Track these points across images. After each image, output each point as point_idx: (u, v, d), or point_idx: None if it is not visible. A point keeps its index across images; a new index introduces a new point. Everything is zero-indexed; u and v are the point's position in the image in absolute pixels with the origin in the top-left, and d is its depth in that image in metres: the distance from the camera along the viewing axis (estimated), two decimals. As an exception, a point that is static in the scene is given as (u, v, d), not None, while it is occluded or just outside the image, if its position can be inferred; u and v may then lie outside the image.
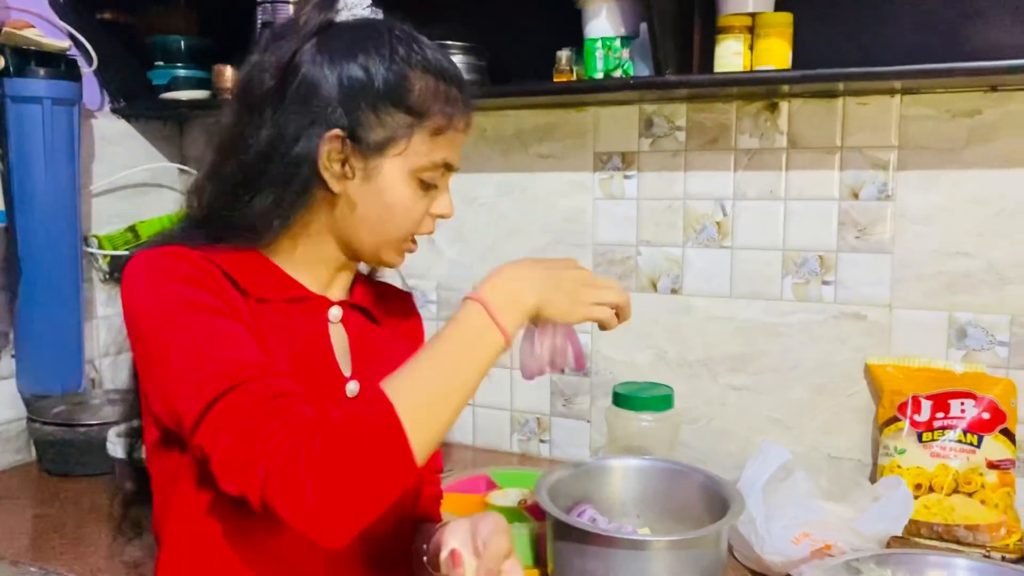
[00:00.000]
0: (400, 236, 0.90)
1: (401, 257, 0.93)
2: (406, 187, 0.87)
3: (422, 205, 0.89)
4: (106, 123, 1.79)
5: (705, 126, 1.49)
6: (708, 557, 1.04)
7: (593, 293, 0.87)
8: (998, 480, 1.27)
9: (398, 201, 0.87)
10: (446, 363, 0.78)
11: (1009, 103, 1.30)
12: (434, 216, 0.92)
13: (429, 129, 0.86)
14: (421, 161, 0.86)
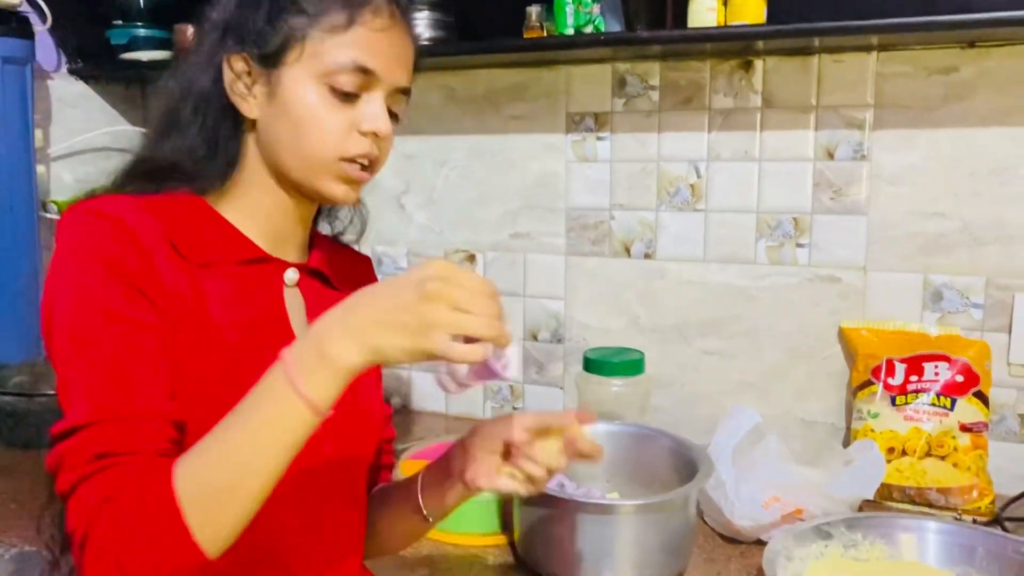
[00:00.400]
0: (324, 157, 0.79)
1: (342, 187, 0.81)
2: (314, 96, 0.78)
3: (340, 117, 0.79)
4: (63, 85, 1.73)
5: (679, 85, 1.46)
6: (676, 521, 1.03)
7: (448, 318, 0.64)
8: (971, 443, 1.26)
9: (305, 113, 0.78)
10: (240, 444, 0.65)
11: (987, 59, 1.27)
12: (365, 133, 0.80)
13: (326, 27, 0.78)
14: (324, 64, 0.78)
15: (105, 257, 0.72)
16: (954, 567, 1.04)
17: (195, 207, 0.82)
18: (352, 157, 0.80)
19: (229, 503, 0.65)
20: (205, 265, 0.79)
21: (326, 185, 0.81)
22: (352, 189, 0.82)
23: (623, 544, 1.00)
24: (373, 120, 0.80)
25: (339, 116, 0.79)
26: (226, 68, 0.79)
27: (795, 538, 1.04)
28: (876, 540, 1.07)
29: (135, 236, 0.74)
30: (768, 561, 0.97)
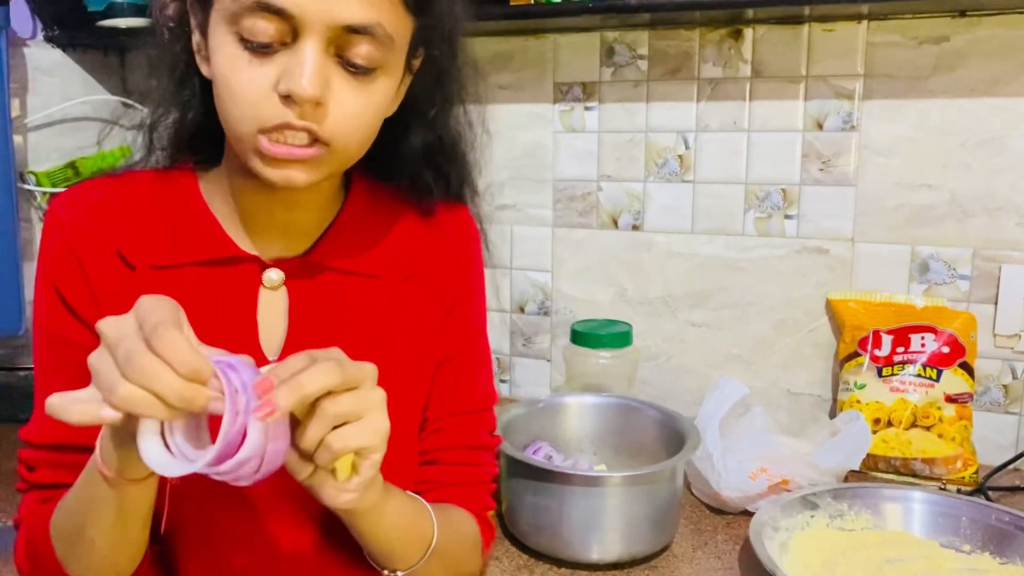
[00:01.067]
0: (243, 129, 0.63)
1: (268, 166, 0.64)
2: (227, 50, 0.62)
3: (250, 77, 0.61)
4: (40, 52, 1.69)
5: (668, 54, 1.44)
6: (663, 492, 1.03)
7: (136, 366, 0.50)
8: (956, 414, 1.26)
9: (220, 72, 0.62)
10: (69, 499, 0.66)
11: (977, 29, 1.26)
12: (281, 94, 0.61)
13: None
14: (227, 7, 0.61)
15: (47, 267, 0.72)
16: (939, 536, 1.05)
17: (179, 191, 0.74)
18: (270, 128, 0.62)
19: (75, 547, 0.67)
20: (161, 268, 0.71)
21: (255, 166, 0.65)
22: (290, 169, 0.64)
23: (610, 516, 1.00)
24: (289, 77, 0.60)
25: (251, 75, 0.61)
26: (191, 19, 0.69)
27: (781, 508, 1.04)
28: (862, 510, 1.08)
29: (73, 247, 0.71)
30: (754, 531, 0.98)
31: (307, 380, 0.54)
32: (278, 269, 0.74)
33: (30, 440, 0.73)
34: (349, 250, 0.76)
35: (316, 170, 0.66)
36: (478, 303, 0.87)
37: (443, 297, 0.83)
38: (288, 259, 0.74)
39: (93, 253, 0.71)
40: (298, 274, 0.75)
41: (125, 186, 0.74)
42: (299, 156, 0.63)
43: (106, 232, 0.71)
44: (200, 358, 0.51)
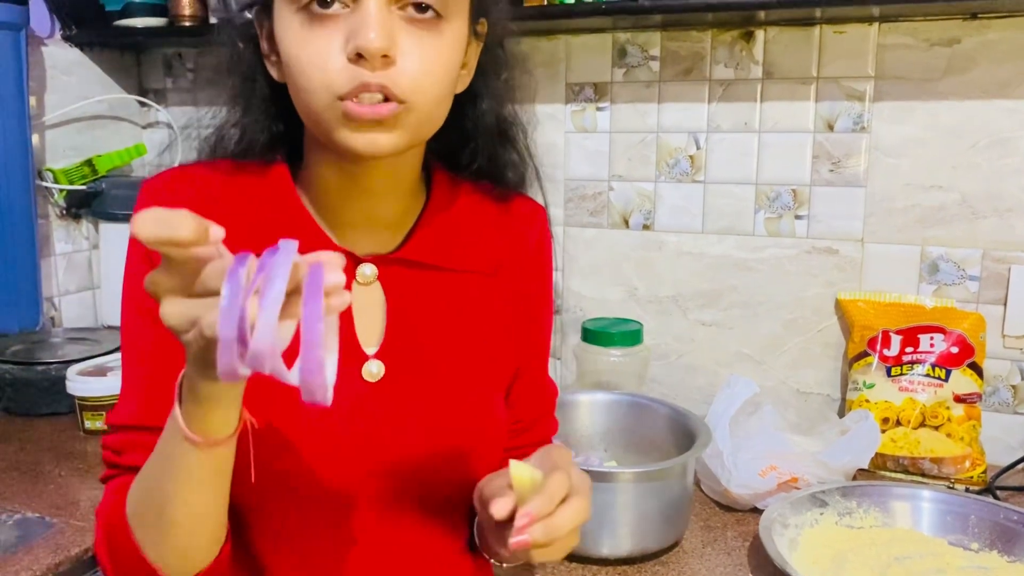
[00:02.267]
0: (320, 100, 0.63)
1: (357, 135, 0.63)
2: (292, 28, 0.63)
3: (320, 44, 0.62)
4: (58, 51, 1.71)
5: (679, 55, 1.45)
6: (674, 489, 1.04)
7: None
8: (964, 414, 1.27)
9: (288, 51, 0.64)
10: (148, 475, 0.64)
11: (988, 31, 1.26)
12: (351, 55, 0.61)
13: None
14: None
15: (146, 253, 0.68)
16: (947, 535, 1.06)
17: (273, 183, 0.73)
18: (347, 94, 0.62)
19: (155, 527, 0.64)
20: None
21: (339, 136, 0.64)
22: (375, 134, 0.63)
23: (621, 511, 1.01)
24: (354, 36, 0.61)
25: (321, 42, 0.62)
26: (257, 27, 0.70)
27: (791, 506, 1.05)
28: (870, 508, 1.09)
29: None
30: (764, 528, 0.99)
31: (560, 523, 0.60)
32: (372, 264, 0.74)
33: (121, 423, 0.70)
34: (438, 245, 0.76)
35: (398, 133, 0.65)
36: (551, 301, 0.88)
37: (527, 293, 0.83)
38: (380, 255, 0.74)
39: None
40: (391, 269, 0.74)
41: (220, 171, 0.73)
42: (380, 114, 0.62)
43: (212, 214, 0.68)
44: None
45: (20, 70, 1.51)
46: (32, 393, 1.47)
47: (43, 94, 1.68)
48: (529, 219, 0.83)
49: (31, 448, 1.35)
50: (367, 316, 0.74)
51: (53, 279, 1.72)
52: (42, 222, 1.67)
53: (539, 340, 0.86)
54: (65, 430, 1.42)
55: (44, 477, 1.24)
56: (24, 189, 1.56)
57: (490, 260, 0.80)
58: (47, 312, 1.69)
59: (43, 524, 1.11)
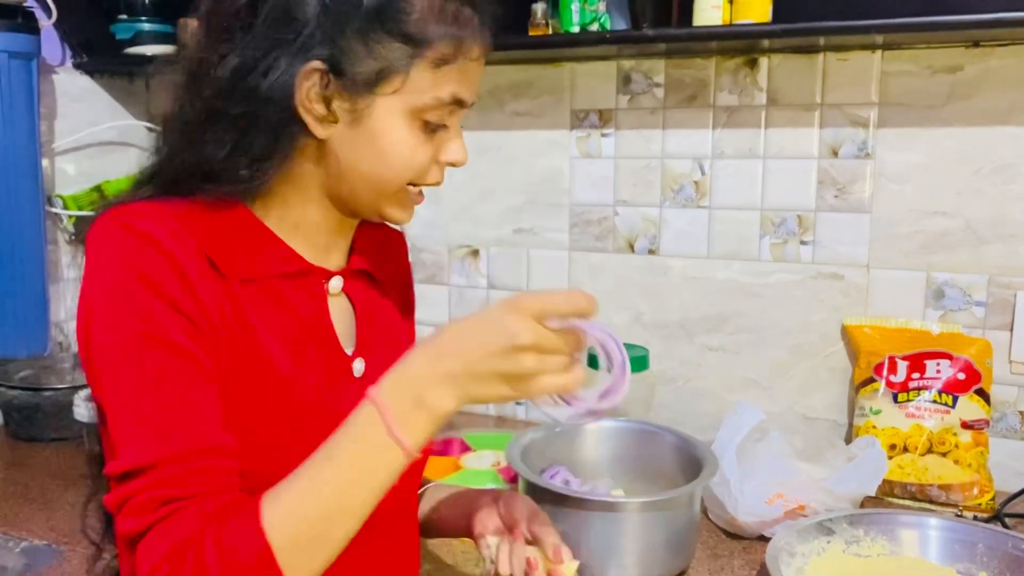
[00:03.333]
0: (401, 183, 0.74)
1: (408, 212, 0.78)
2: (405, 130, 0.72)
3: (426, 151, 0.74)
4: (68, 79, 1.73)
5: (684, 82, 1.46)
6: (681, 518, 1.04)
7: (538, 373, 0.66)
8: (972, 440, 1.27)
9: (396, 148, 0.72)
10: (334, 487, 0.64)
11: (991, 59, 1.27)
12: (443, 164, 0.76)
13: (431, 59, 0.70)
14: (423, 99, 0.71)
15: (141, 276, 0.67)
16: (955, 563, 1.05)
17: (236, 216, 0.74)
18: (422, 185, 0.77)
19: (321, 545, 0.64)
20: (246, 280, 0.73)
21: (392, 212, 0.77)
22: (413, 210, 0.80)
23: (628, 541, 1.01)
24: (458, 153, 0.77)
25: (425, 150, 0.74)
26: (301, 78, 0.69)
27: (798, 534, 1.05)
28: (878, 536, 1.08)
29: (170, 254, 0.68)
30: (771, 557, 0.98)
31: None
32: (340, 277, 0.81)
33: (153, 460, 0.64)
34: (369, 259, 0.86)
35: None
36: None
37: (410, 299, 0.96)
38: (342, 270, 0.82)
39: (190, 261, 0.69)
40: (350, 281, 0.83)
41: (180, 204, 0.73)
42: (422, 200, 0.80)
43: (192, 242, 0.70)
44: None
45: (31, 98, 1.53)
46: (40, 418, 1.48)
47: (53, 121, 1.70)
48: (400, 242, 0.96)
49: (37, 474, 1.36)
50: (341, 322, 0.81)
51: (62, 304, 1.73)
52: (51, 248, 1.69)
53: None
54: (72, 456, 1.42)
55: (52, 504, 1.25)
56: (34, 215, 1.57)
57: (392, 272, 0.91)
58: (55, 337, 1.70)
59: (50, 552, 1.11)
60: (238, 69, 0.69)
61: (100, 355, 0.68)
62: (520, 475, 1.06)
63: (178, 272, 0.68)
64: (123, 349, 0.67)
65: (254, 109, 0.69)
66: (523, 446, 1.13)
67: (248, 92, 0.69)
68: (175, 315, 0.67)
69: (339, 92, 0.70)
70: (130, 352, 0.67)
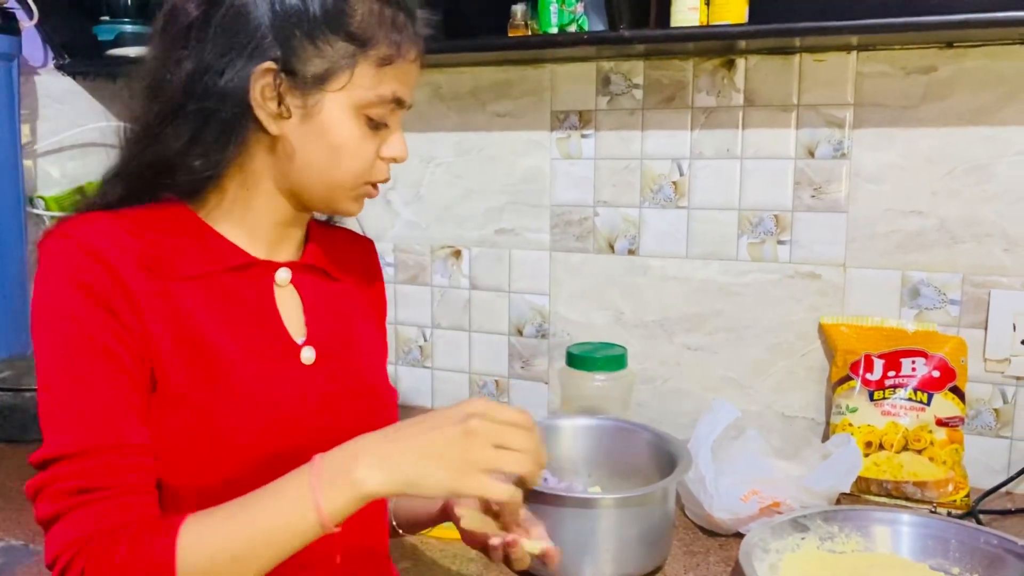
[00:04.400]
0: (352, 181, 0.81)
1: (359, 204, 0.85)
2: (351, 125, 0.78)
3: (371, 146, 0.80)
4: (51, 80, 1.73)
5: (662, 84, 1.47)
6: (656, 514, 1.05)
7: (489, 454, 0.67)
8: (947, 437, 1.28)
9: (344, 141, 0.78)
10: (246, 532, 0.66)
11: (964, 60, 1.29)
12: (386, 159, 0.83)
13: (374, 59, 0.77)
14: (367, 96, 0.77)
15: (78, 282, 0.71)
16: (928, 559, 1.06)
17: (178, 218, 0.79)
18: (375, 182, 0.84)
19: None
20: (189, 279, 0.77)
21: (344, 204, 0.84)
22: (363, 204, 0.86)
23: (603, 537, 1.02)
24: (395, 149, 0.83)
25: (370, 145, 0.81)
26: (255, 77, 0.74)
27: (772, 531, 1.06)
28: (852, 533, 1.09)
29: (105, 259, 0.72)
30: (744, 553, 0.99)
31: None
32: (288, 268, 0.85)
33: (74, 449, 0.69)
34: (323, 256, 0.90)
35: None
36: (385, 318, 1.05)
37: (376, 305, 1.00)
38: (291, 263, 0.86)
39: (125, 265, 0.73)
40: (299, 274, 0.87)
41: (123, 215, 0.77)
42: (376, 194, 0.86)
43: (131, 247, 0.75)
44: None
45: (12, 99, 1.53)
46: (20, 419, 1.48)
47: (36, 122, 1.70)
48: (367, 248, 1.01)
49: (16, 474, 1.36)
50: (288, 313, 0.85)
51: (43, 305, 1.73)
52: (32, 249, 1.68)
53: (385, 346, 1.01)
54: (52, 457, 1.42)
55: (29, 504, 1.24)
56: (15, 216, 1.57)
57: (351, 272, 0.95)
58: (37, 338, 1.70)
59: (27, 552, 1.11)
60: (194, 71, 0.74)
61: (38, 355, 0.73)
62: (496, 472, 1.06)
63: (114, 279, 0.72)
64: (55, 350, 0.72)
65: (210, 106, 0.75)
66: (500, 444, 1.14)
67: (204, 91, 0.74)
68: (107, 319, 0.72)
69: (291, 90, 0.76)
70: (60, 353, 0.71)
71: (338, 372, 0.86)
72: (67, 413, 0.70)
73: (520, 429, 0.69)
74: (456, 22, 1.51)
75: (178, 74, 0.75)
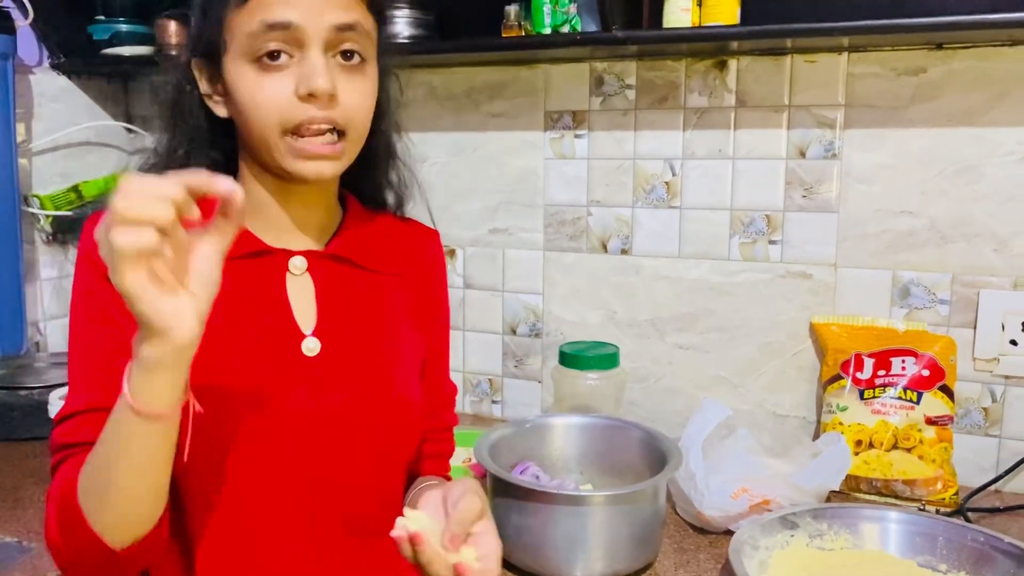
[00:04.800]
0: (272, 131, 0.77)
1: (306, 163, 0.77)
2: (246, 76, 0.77)
3: (274, 87, 0.75)
4: (46, 79, 1.73)
5: (655, 84, 1.48)
6: (646, 511, 1.05)
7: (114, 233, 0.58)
8: (936, 436, 1.29)
9: (244, 95, 0.77)
10: (98, 452, 0.68)
11: (953, 61, 1.30)
12: (301, 96, 0.75)
13: (233, 5, 0.76)
14: (242, 40, 0.76)
15: (93, 263, 0.77)
16: (916, 556, 1.07)
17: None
18: (297, 127, 0.76)
19: (102, 497, 0.68)
20: None
21: (289, 164, 0.78)
22: (321, 163, 0.78)
23: (594, 534, 1.02)
24: (306, 80, 0.75)
25: (274, 86, 0.76)
26: (195, 72, 0.82)
27: (761, 528, 1.06)
28: (841, 530, 1.10)
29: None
30: (734, 550, 1.00)
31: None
32: (303, 257, 0.86)
33: (73, 411, 0.77)
34: (356, 247, 0.89)
35: (339, 161, 0.80)
36: (448, 309, 1.03)
37: (428, 297, 0.97)
38: (310, 251, 0.86)
39: None
40: (318, 263, 0.87)
41: None
42: (328, 152, 0.78)
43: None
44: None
45: (7, 98, 1.54)
46: (15, 417, 1.48)
47: (31, 121, 1.70)
48: (426, 238, 0.99)
49: (11, 472, 1.36)
50: (301, 303, 0.85)
51: (38, 304, 1.74)
52: (28, 247, 1.69)
53: (440, 340, 0.99)
54: (46, 455, 1.42)
55: (23, 501, 1.25)
56: (10, 215, 1.57)
57: (396, 265, 0.93)
58: (31, 337, 1.70)
59: (20, 549, 1.11)
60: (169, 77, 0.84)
61: (69, 326, 0.81)
62: (488, 471, 1.07)
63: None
64: (74, 323, 0.80)
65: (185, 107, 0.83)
66: (492, 442, 1.15)
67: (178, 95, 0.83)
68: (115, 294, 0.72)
69: (210, 70, 0.81)
70: (75, 324, 0.80)
71: (345, 367, 0.85)
72: (74, 378, 0.79)
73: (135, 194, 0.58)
74: (450, 23, 1.52)
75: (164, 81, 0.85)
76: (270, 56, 0.75)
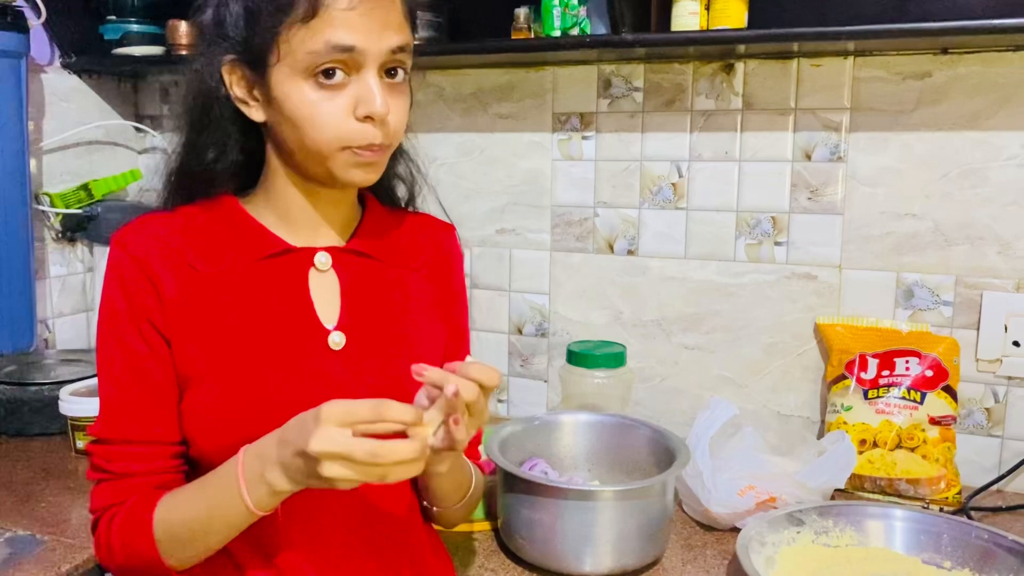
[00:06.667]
0: (330, 149, 0.79)
1: (359, 171, 0.81)
2: (302, 92, 0.77)
3: (333, 106, 0.77)
4: (57, 78, 1.75)
5: (662, 87, 1.49)
6: (654, 507, 1.07)
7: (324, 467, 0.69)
8: (939, 435, 1.30)
9: (298, 111, 0.78)
10: (197, 514, 0.78)
11: (958, 66, 1.31)
12: (359, 118, 0.78)
13: (295, 20, 0.75)
14: (302, 58, 0.76)
15: (123, 289, 0.83)
16: (920, 553, 1.08)
17: (226, 213, 0.87)
18: (356, 146, 0.79)
19: (187, 548, 0.80)
20: (227, 270, 0.85)
21: (342, 173, 0.81)
22: (369, 170, 0.82)
23: (603, 529, 1.04)
24: (367, 104, 0.78)
25: (332, 105, 0.78)
26: (225, 75, 0.82)
27: (768, 524, 1.08)
28: (846, 527, 1.11)
29: (144, 264, 0.82)
30: (741, 546, 1.01)
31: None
32: (327, 253, 0.88)
33: (104, 436, 0.84)
34: (377, 242, 0.92)
35: (380, 166, 0.84)
36: (466, 300, 1.05)
37: (447, 290, 0.99)
38: (333, 247, 0.89)
39: (162, 269, 0.83)
40: (342, 259, 0.89)
41: (178, 215, 0.87)
42: (376, 160, 0.82)
43: (174, 249, 0.84)
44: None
45: (20, 96, 1.55)
46: (25, 413, 1.49)
47: (41, 120, 1.72)
48: (443, 232, 1.01)
49: (23, 467, 1.37)
50: (326, 298, 0.87)
51: (48, 301, 1.75)
52: (38, 245, 1.70)
53: (460, 330, 1.02)
54: (57, 450, 1.44)
55: (35, 496, 1.26)
56: (21, 212, 1.58)
57: (416, 259, 0.95)
58: (41, 334, 1.72)
59: (34, 542, 1.12)
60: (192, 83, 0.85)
61: (97, 345, 0.86)
62: (497, 465, 1.08)
63: (150, 280, 0.82)
64: (99, 346, 0.85)
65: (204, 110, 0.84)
66: (502, 439, 1.16)
67: (200, 98, 0.84)
68: (140, 325, 0.83)
69: (250, 76, 0.81)
70: (101, 349, 0.85)
71: (371, 360, 0.87)
72: (104, 401, 0.85)
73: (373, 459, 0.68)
74: (460, 25, 1.54)
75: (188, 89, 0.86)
76: (326, 74, 0.77)
